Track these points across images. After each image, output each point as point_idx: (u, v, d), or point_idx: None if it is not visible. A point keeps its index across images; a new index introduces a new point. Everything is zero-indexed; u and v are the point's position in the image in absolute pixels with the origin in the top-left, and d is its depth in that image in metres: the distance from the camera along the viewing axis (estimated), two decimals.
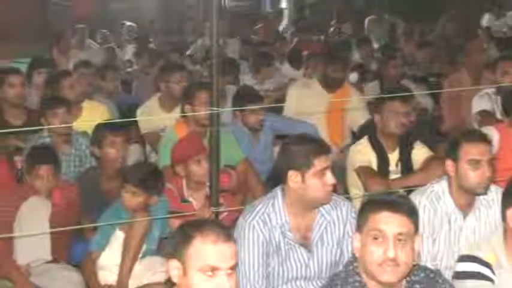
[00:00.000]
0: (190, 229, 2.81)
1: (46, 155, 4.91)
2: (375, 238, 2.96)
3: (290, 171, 3.59)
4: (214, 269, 2.73)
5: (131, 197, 4.49)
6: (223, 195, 4.50)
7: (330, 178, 3.58)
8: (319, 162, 3.56)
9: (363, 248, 3.01)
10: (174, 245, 2.84)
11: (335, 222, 3.70)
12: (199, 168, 4.69)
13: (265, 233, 3.60)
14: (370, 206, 3.05)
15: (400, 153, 5.12)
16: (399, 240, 2.94)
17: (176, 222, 4.56)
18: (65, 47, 10.64)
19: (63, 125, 5.43)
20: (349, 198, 4.63)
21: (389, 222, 2.96)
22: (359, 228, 3.05)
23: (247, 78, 8.51)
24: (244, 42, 11.58)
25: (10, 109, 6.10)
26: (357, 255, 3.06)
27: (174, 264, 2.80)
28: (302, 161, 3.56)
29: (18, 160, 5.59)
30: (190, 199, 4.82)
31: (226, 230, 2.84)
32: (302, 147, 3.61)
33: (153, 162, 5.66)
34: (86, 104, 6.36)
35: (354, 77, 8.02)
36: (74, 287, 4.60)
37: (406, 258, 2.96)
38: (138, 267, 4.43)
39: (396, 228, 2.95)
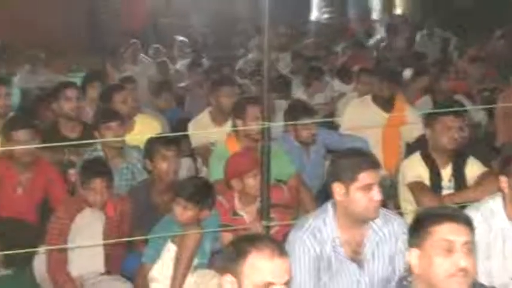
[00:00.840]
0: (245, 244, 2.81)
1: (99, 168, 4.96)
2: (443, 249, 2.91)
3: (335, 183, 3.56)
4: (269, 285, 2.73)
5: (182, 211, 4.51)
6: (274, 210, 4.49)
7: (376, 194, 3.52)
8: (365, 177, 3.52)
9: (426, 262, 2.95)
10: (227, 259, 2.84)
11: (387, 238, 3.66)
12: (256, 183, 4.65)
13: (316, 247, 3.58)
14: (429, 219, 3.00)
15: (453, 168, 5.06)
16: (468, 249, 2.91)
17: (227, 236, 4.59)
18: (118, 61, 10.78)
19: (116, 139, 5.49)
20: (401, 214, 4.59)
21: (456, 232, 2.92)
22: (417, 243, 2.99)
23: (297, 93, 8.50)
24: (295, 56, 11.58)
25: (66, 122, 6.20)
26: (416, 271, 3.01)
27: (228, 278, 2.80)
28: (347, 174, 3.53)
29: (72, 173, 5.68)
30: (242, 213, 4.83)
31: (280, 245, 2.84)
32: (349, 160, 3.58)
33: (204, 176, 5.68)
34: (138, 118, 6.42)
35: (407, 73, 7.97)
36: None
37: (473, 268, 2.93)
38: (189, 280, 4.44)
39: (464, 237, 2.92)
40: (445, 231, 2.92)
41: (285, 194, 5.12)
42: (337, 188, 3.55)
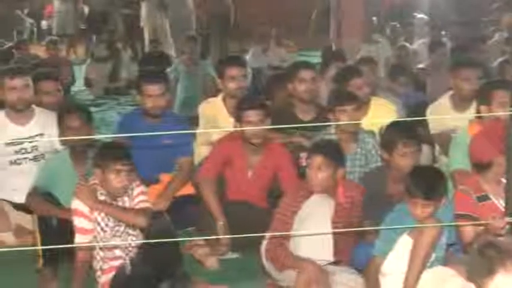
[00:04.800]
0: (493, 258, 2.72)
1: (330, 151, 5.00)
2: None
3: None
4: None
5: (421, 209, 4.47)
6: None
7: None
8: None
9: None
10: (473, 269, 2.79)
11: None
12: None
13: None
14: None
15: None
16: None
17: (467, 230, 4.53)
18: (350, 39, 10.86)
19: (351, 122, 5.56)
20: None
21: None
22: None
23: None
24: None
25: (300, 104, 6.35)
26: None
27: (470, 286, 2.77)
28: None
29: (303, 157, 5.84)
30: (491, 196, 4.69)
31: None
32: None
33: (437, 167, 5.59)
34: (374, 102, 6.47)
35: None
36: None
37: None
38: (425, 276, 4.39)
39: None
40: None
41: None
42: None
